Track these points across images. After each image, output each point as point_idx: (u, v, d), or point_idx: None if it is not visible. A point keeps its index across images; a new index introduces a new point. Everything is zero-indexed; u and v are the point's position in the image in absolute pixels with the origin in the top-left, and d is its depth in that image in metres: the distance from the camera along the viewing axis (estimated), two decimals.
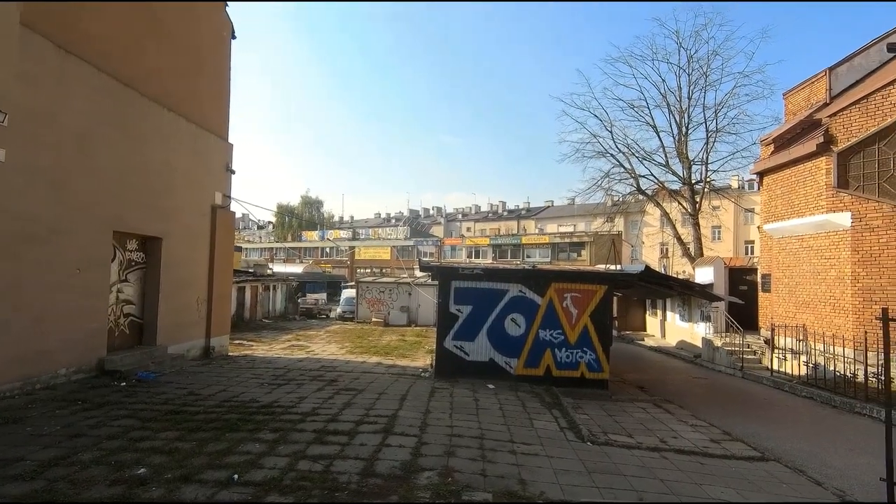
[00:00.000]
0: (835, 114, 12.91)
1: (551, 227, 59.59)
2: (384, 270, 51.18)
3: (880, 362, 9.75)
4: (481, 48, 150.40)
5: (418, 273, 27.82)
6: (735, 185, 42.50)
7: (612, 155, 27.08)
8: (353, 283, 32.58)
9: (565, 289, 11.11)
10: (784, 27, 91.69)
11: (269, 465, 5.06)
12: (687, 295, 18.62)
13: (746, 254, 43.40)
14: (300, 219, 69.19)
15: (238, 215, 15.97)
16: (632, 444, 7.01)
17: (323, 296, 38.33)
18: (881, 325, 4.65)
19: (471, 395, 9.50)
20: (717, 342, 16.90)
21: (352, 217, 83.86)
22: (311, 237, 68.98)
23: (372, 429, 6.66)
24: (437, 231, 70.21)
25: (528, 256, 52.22)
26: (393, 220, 75.70)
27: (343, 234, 67.83)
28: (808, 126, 14.48)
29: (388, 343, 18.06)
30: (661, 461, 6.28)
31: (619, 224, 49.30)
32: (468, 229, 69.71)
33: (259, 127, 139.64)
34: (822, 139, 12.85)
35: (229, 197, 13.98)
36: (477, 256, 56.05)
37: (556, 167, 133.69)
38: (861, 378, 10.97)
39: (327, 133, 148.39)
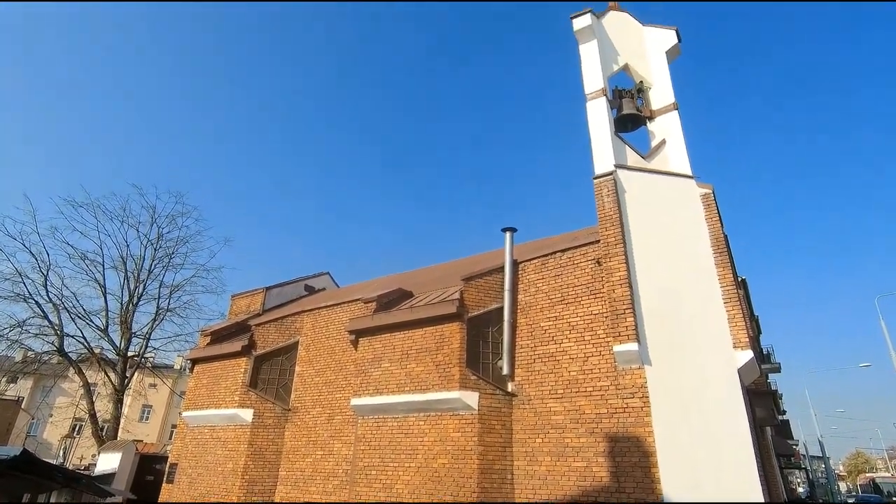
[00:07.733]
0: (259, 324, 15.88)
1: None
2: None
3: None
4: None
5: None
6: (178, 365, 42.53)
7: (36, 303, 22.35)
8: None
9: None
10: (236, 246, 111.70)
11: None
12: (75, 489, 15.65)
13: (170, 438, 42.09)
14: None
15: None
16: None
17: None
18: None
19: None
20: None
21: None
22: None
23: None
24: None
25: None
26: None
27: None
28: (242, 328, 17.01)
29: None
30: None
31: (25, 387, 39.03)
32: None
33: None
34: (246, 342, 15.24)
35: None
36: None
37: None
38: None
39: None
